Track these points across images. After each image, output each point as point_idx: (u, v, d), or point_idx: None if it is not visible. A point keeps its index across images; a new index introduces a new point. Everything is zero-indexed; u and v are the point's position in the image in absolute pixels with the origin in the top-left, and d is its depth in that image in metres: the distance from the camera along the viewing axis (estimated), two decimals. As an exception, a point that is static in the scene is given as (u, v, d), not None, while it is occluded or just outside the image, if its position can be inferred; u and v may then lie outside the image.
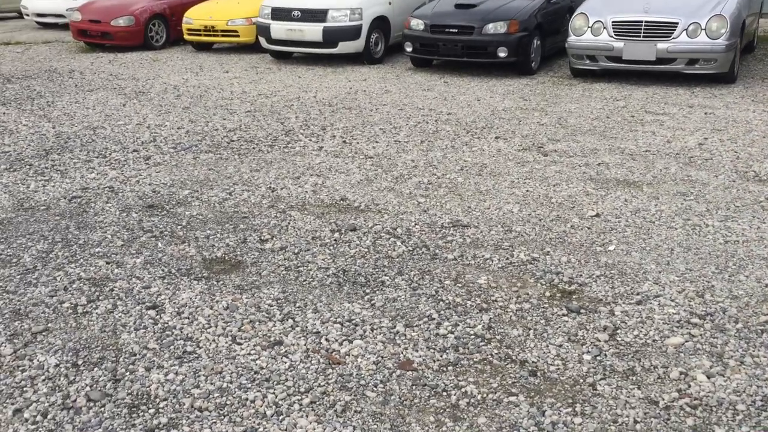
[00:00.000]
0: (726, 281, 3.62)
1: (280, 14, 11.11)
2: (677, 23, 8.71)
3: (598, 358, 2.97)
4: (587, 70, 9.47)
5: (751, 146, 6.09)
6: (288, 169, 5.68)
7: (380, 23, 11.14)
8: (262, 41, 11.44)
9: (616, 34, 8.98)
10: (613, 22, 9.02)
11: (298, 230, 4.40)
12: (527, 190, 5.08)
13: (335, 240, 4.24)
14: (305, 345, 3.09)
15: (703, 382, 2.77)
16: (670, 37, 8.71)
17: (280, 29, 11.05)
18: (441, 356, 2.99)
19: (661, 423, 2.55)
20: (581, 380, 2.81)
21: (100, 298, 3.54)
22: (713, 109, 7.56)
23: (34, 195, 5.10)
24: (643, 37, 8.83)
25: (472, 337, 3.14)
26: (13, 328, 3.25)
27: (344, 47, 10.81)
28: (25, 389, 2.80)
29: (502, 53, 9.66)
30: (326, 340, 3.12)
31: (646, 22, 8.84)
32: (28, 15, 16.69)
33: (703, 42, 8.61)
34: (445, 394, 2.74)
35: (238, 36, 12.42)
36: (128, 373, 2.91)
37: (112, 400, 2.73)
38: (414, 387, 2.78)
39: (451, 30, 9.88)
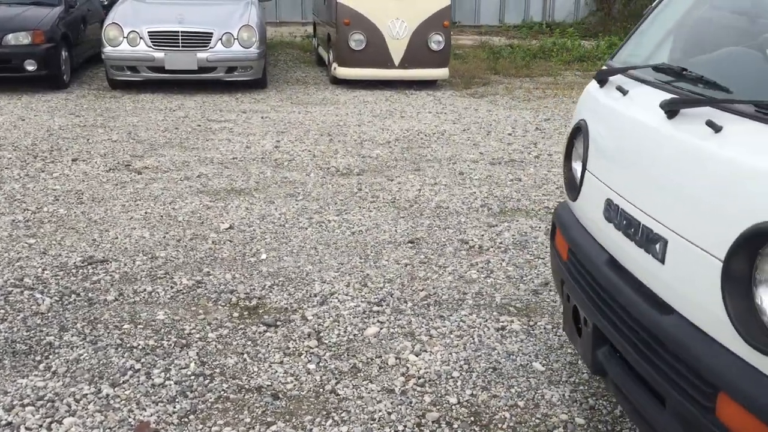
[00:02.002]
0: (375, 268, 4.04)
1: None
2: (212, 33, 9.07)
3: (321, 364, 3.05)
4: (128, 81, 9.20)
5: (317, 144, 6.75)
6: None
7: None
8: None
9: (154, 45, 8.93)
10: (149, 32, 8.95)
11: None
12: (146, 212, 4.80)
13: (-49, 307, 3.42)
14: (2, 443, 2.48)
15: (416, 362, 3.08)
16: (207, 46, 9.03)
17: None
18: (174, 407, 2.71)
19: (406, 406, 2.77)
20: (321, 390, 2.87)
21: None
22: (265, 113, 8.13)
23: None
24: (182, 46, 8.97)
25: (192, 377, 2.92)
26: None
27: None
28: None
29: (30, 66, 8.74)
30: (26, 429, 2.55)
31: (182, 32, 8.99)
32: None
33: (238, 51, 9.15)
34: (204, 445, 2.52)
35: None
36: None
37: None
38: (167, 449, 2.49)
39: (-38, 41, 8.54)
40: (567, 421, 2.70)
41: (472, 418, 2.71)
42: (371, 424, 2.66)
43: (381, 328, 3.36)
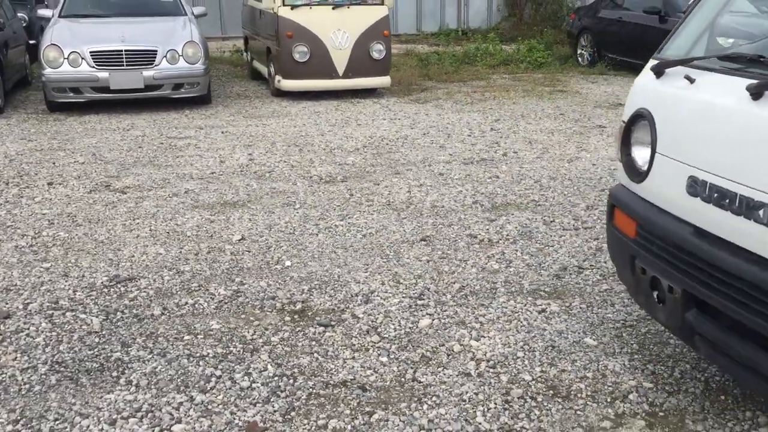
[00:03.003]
0: (400, 266, 4.18)
1: None
2: (156, 51, 8.96)
3: (392, 356, 3.18)
4: (68, 103, 8.95)
5: (289, 155, 6.82)
6: None
7: None
8: None
9: (97, 65, 8.74)
10: (91, 52, 8.75)
11: (-75, 338, 3.30)
12: (150, 230, 4.77)
13: (-3, 335, 3.34)
14: (121, 455, 2.48)
15: (479, 347, 3.26)
16: (152, 64, 8.91)
17: None
18: (272, 407, 2.78)
19: (488, 386, 2.94)
20: (402, 379, 3.00)
21: None
22: (222, 128, 8.11)
23: None
24: (127, 65, 8.82)
25: (276, 378, 2.99)
26: None
27: None
28: None
29: (-34, 92, 8.39)
30: (138, 440, 2.57)
31: (126, 51, 8.84)
32: None
33: (184, 67, 9.07)
34: (318, 438, 2.61)
35: None
36: None
37: None
38: (285, 445, 2.57)
39: None
40: (636, 386, 2.94)
41: (551, 392, 2.92)
42: (464, 405, 2.82)
43: (433, 320, 3.52)
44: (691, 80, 2.54)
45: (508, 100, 9.85)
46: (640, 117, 2.76)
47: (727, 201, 2.28)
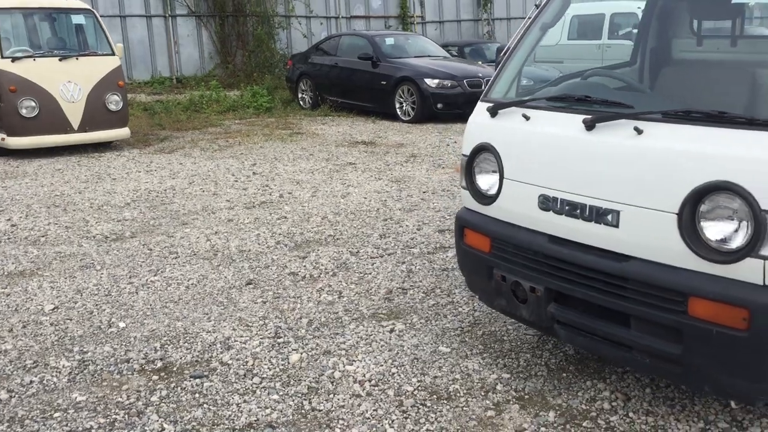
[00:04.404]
0: (240, 311, 4.25)
1: None
2: None
3: (281, 393, 3.29)
4: None
5: (55, 217, 6.37)
6: None
7: None
8: None
9: None
10: None
11: None
12: (-61, 312, 4.22)
13: None
14: None
15: (357, 370, 3.48)
16: None
17: None
18: (195, 461, 2.76)
19: (382, 402, 3.21)
20: (303, 410, 3.14)
21: None
22: (-46, 194, 7.28)
23: None
24: None
25: (180, 435, 2.94)
26: None
27: None
28: None
29: None
30: None
31: None
32: None
33: None
34: (256, 479, 2.66)
35: None
36: None
37: None
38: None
39: None
40: (498, 379, 3.43)
41: (435, 396, 3.28)
42: (372, 422, 3.05)
43: (300, 354, 3.69)
44: (527, 117, 3.11)
45: (254, 145, 10.14)
46: (483, 150, 3.27)
47: (578, 211, 2.86)
